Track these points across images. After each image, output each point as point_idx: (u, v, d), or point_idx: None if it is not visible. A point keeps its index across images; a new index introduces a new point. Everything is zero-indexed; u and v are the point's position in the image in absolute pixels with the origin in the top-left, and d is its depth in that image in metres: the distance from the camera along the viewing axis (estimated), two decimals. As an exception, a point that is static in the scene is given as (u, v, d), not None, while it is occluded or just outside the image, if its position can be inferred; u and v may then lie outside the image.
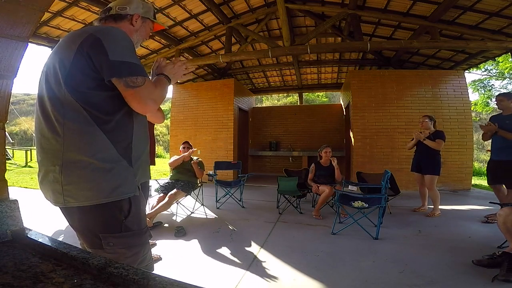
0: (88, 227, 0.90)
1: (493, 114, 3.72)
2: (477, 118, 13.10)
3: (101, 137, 0.86)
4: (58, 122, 0.85)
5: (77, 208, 0.87)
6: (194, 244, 2.68)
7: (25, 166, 9.68)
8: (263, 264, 2.25)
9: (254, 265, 2.22)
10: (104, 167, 0.87)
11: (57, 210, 0.94)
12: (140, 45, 1.16)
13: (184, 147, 3.76)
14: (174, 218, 3.61)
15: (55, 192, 0.87)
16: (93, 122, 0.85)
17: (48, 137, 0.87)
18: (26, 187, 5.82)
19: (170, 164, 3.74)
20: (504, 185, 3.22)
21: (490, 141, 3.37)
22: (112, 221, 0.89)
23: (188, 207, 3.95)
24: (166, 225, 3.30)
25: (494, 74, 11.49)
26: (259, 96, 12.51)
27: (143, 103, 0.89)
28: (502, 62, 8.92)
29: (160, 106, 1.06)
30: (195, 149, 3.74)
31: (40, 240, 0.66)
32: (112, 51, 0.84)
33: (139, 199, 0.96)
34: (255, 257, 2.39)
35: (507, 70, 9.83)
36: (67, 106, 0.84)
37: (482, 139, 3.57)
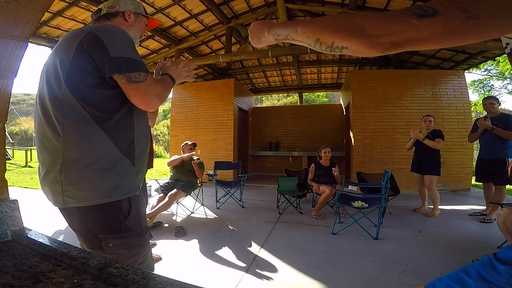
0: (88, 227, 0.89)
1: (477, 118, 3.87)
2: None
3: (102, 136, 0.86)
4: (58, 121, 0.84)
5: (77, 208, 0.87)
6: (194, 244, 2.68)
7: (25, 166, 9.69)
8: (263, 264, 2.25)
9: (254, 265, 2.22)
10: (104, 167, 0.86)
11: (57, 210, 0.94)
12: (140, 45, 1.17)
13: (190, 148, 3.78)
14: (174, 218, 3.60)
15: (55, 192, 0.86)
16: (93, 121, 0.85)
17: (50, 137, 0.86)
18: (26, 187, 5.82)
19: (169, 164, 3.75)
20: (492, 182, 3.38)
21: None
22: (112, 221, 0.88)
23: (188, 207, 3.96)
24: (166, 225, 3.30)
25: (494, 74, 11.48)
26: (259, 96, 12.49)
27: (146, 98, 0.89)
28: (502, 62, 8.90)
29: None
30: (193, 152, 3.75)
31: (40, 240, 0.66)
32: (112, 48, 0.84)
33: (139, 199, 0.95)
34: (255, 257, 2.39)
35: (507, 70, 9.81)
36: (67, 105, 0.84)
37: (469, 140, 3.72)
